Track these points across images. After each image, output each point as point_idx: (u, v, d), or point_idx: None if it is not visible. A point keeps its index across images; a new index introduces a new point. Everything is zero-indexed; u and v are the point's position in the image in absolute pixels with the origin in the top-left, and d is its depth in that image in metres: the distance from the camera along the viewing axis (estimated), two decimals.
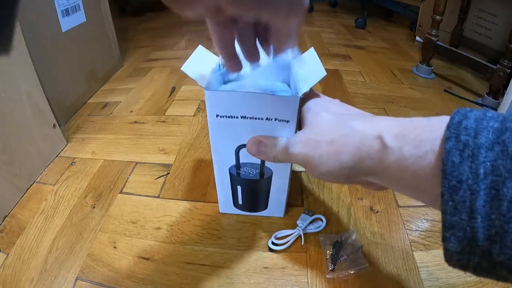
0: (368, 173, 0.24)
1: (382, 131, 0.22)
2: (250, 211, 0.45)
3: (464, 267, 0.18)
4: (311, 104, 0.31)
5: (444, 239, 0.18)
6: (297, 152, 0.28)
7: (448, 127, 0.18)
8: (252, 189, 0.42)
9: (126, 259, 0.40)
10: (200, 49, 0.36)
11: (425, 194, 0.21)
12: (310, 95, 0.32)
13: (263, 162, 0.38)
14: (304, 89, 0.31)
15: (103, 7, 0.82)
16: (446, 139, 0.18)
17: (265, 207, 0.44)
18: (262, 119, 0.33)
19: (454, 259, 0.18)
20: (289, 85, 0.36)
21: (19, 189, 0.49)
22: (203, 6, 0.19)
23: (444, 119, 0.19)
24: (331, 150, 0.25)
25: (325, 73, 0.31)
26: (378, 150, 0.22)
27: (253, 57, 0.28)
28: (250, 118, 0.33)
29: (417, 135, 0.20)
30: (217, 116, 0.34)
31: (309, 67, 0.34)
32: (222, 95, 0.32)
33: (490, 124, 0.17)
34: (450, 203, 0.17)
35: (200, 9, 0.20)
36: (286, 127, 0.33)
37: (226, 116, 0.34)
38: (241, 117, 0.33)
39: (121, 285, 0.37)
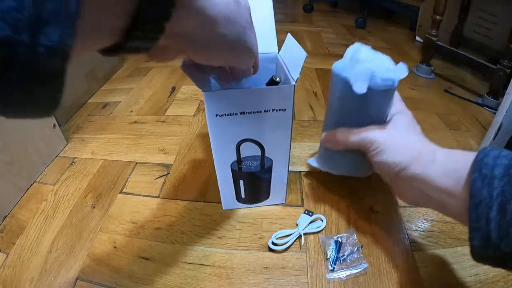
0: (413, 178, 0.32)
1: (437, 149, 0.33)
2: (253, 203, 0.46)
3: (484, 260, 0.26)
4: (397, 110, 0.39)
5: (470, 239, 0.26)
6: (372, 139, 0.36)
7: (474, 162, 0.27)
8: (254, 181, 0.43)
9: (126, 259, 0.40)
10: None
11: (452, 197, 0.29)
12: (397, 105, 0.39)
13: (263, 153, 0.39)
14: (295, 76, 0.33)
15: None
16: (473, 171, 0.26)
17: (267, 196, 0.45)
18: (260, 111, 0.35)
19: (477, 252, 0.26)
20: (279, 77, 0.39)
21: (19, 189, 0.49)
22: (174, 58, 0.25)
23: (473, 154, 0.28)
24: (401, 144, 0.34)
25: (305, 54, 0.33)
26: (430, 161, 0.31)
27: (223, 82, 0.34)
28: (249, 112, 0.34)
29: (458, 158, 0.30)
30: (216, 116, 0.34)
31: (292, 54, 0.37)
32: (220, 94, 0.33)
33: (503, 161, 0.25)
34: (474, 214, 0.25)
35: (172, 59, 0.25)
36: (283, 115, 0.35)
37: (225, 114, 0.34)
38: (240, 113, 0.34)
39: (121, 285, 0.37)
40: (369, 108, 0.37)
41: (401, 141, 0.35)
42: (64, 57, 0.14)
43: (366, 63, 0.35)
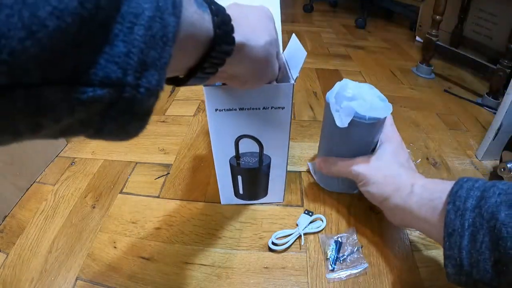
0: (395, 207, 0.36)
1: (415, 182, 0.35)
2: (251, 200, 0.46)
3: (458, 284, 0.28)
4: (387, 136, 0.41)
5: (445, 266, 0.29)
6: (359, 172, 0.39)
7: (450, 194, 0.29)
8: (252, 178, 0.43)
9: (126, 259, 0.40)
10: None
11: (430, 224, 0.32)
12: (388, 129, 0.42)
13: (261, 149, 0.39)
14: (295, 74, 0.34)
15: None
16: (448, 203, 0.29)
17: (265, 194, 0.46)
18: (259, 108, 0.35)
19: (451, 278, 0.29)
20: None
21: (19, 189, 0.49)
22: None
23: (450, 184, 0.31)
24: (384, 176, 0.37)
25: (305, 53, 0.34)
26: (408, 193, 0.34)
27: None
28: (248, 109, 0.35)
29: (433, 189, 0.32)
30: (216, 110, 0.35)
31: (293, 54, 0.37)
32: (220, 90, 0.33)
33: (475, 193, 0.28)
34: (447, 243, 0.28)
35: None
36: (282, 113, 0.36)
37: (225, 109, 0.35)
38: (240, 109, 0.35)
39: (121, 285, 0.37)
40: (357, 137, 0.40)
41: (384, 173, 0.38)
42: (157, 98, 0.16)
43: (352, 102, 0.37)
